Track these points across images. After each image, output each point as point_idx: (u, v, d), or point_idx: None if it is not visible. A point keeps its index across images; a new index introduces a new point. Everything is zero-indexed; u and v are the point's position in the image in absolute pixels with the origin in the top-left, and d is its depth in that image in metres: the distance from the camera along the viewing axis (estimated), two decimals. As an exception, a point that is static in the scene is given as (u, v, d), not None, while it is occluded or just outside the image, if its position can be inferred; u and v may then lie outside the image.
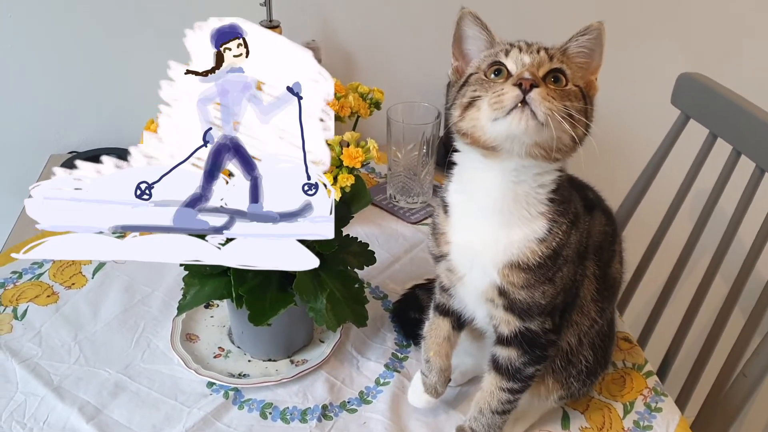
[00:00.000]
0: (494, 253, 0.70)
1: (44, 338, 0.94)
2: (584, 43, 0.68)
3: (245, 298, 0.78)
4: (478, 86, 0.66)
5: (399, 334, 0.98)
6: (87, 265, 1.08)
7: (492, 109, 0.62)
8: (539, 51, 0.67)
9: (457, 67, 0.73)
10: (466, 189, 0.72)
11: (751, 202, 1.11)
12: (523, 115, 0.61)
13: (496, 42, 0.70)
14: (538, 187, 0.69)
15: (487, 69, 0.67)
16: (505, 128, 0.62)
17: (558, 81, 0.65)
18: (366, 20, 1.39)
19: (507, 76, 0.65)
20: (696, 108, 1.21)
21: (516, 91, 0.61)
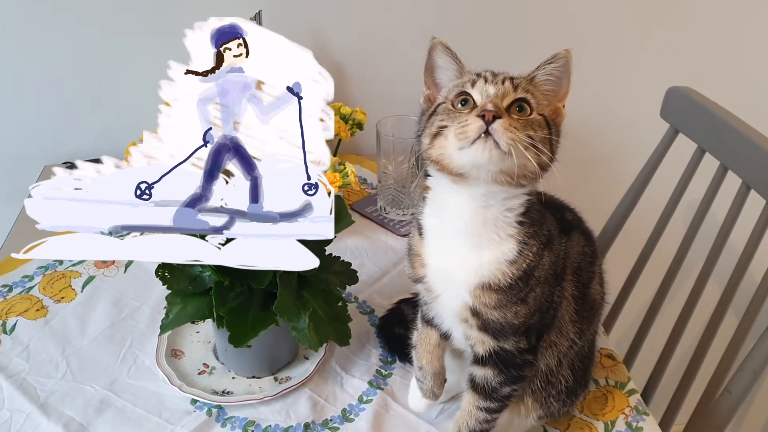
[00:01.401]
0: (466, 275, 0.72)
1: (32, 353, 0.95)
2: (551, 71, 0.70)
3: (226, 318, 0.79)
4: (445, 116, 0.68)
5: (384, 350, 0.98)
6: (77, 278, 1.09)
7: (457, 139, 0.64)
8: (504, 81, 0.68)
9: (428, 96, 0.75)
10: (439, 212, 0.74)
11: (738, 218, 1.11)
12: (486, 144, 0.63)
13: (465, 71, 0.72)
14: (507, 210, 0.70)
15: (455, 99, 0.69)
16: (470, 157, 0.64)
17: (522, 110, 0.67)
18: (357, 34, 1.39)
19: (473, 106, 0.67)
20: (684, 122, 1.21)
21: (479, 122, 0.63)
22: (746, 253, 1.08)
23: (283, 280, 0.80)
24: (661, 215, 1.25)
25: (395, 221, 1.27)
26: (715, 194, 1.16)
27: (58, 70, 1.36)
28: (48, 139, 1.42)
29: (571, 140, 1.24)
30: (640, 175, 1.28)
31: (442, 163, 0.67)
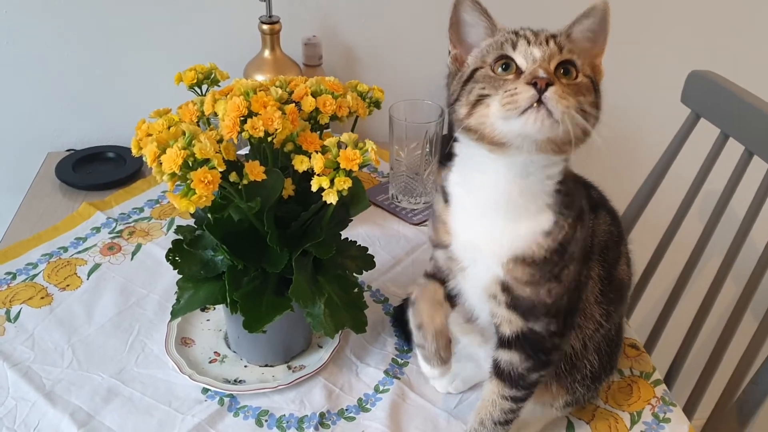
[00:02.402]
0: (499, 247, 0.68)
1: (37, 341, 0.92)
2: (588, 26, 0.65)
3: (240, 303, 0.76)
4: (487, 84, 0.62)
5: (399, 339, 0.95)
6: (82, 266, 1.06)
7: (505, 109, 0.59)
8: (548, 41, 0.63)
9: (456, 55, 0.69)
10: (469, 181, 0.70)
11: (764, 204, 1.08)
12: (538, 115, 0.58)
13: (498, 29, 0.67)
14: (546, 178, 0.66)
15: (494, 63, 0.63)
16: (519, 127, 0.59)
17: (568, 73, 0.62)
18: (367, 16, 1.36)
19: (516, 71, 0.62)
20: (707, 107, 1.18)
21: (531, 90, 0.58)
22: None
23: (299, 265, 0.77)
24: (682, 202, 1.21)
25: (408, 210, 1.24)
26: (740, 180, 1.13)
27: (61, 58, 1.33)
28: (51, 127, 1.39)
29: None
30: (660, 162, 1.25)
31: (483, 132, 0.62)
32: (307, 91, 0.76)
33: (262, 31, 1.23)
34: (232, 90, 0.75)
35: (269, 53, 1.25)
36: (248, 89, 0.72)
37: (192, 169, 0.65)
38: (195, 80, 0.83)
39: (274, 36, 1.24)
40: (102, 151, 1.34)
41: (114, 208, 1.20)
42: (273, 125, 0.70)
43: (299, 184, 0.77)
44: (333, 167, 0.71)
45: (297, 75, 1.26)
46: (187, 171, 0.65)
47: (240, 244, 0.76)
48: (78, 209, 1.19)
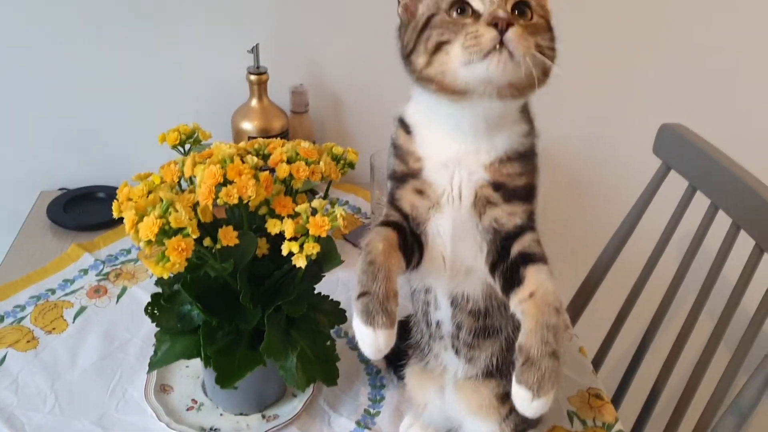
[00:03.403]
0: (479, 155, 0.67)
1: (21, 386, 0.95)
2: None
3: (213, 359, 0.79)
4: (445, 29, 0.61)
5: (373, 389, 0.98)
6: (69, 309, 1.10)
7: (468, 52, 0.58)
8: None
9: (405, 5, 0.68)
10: (431, 117, 0.69)
11: (727, 259, 1.11)
12: (501, 56, 0.58)
13: None
14: (508, 110, 0.67)
15: (449, 8, 0.62)
16: (482, 71, 0.59)
17: (523, 14, 0.62)
18: (353, 64, 1.40)
19: (472, 14, 0.61)
20: (676, 159, 1.22)
21: (493, 32, 0.58)
22: (735, 293, 1.09)
23: (272, 321, 0.80)
24: (653, 251, 1.25)
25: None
26: (706, 232, 1.17)
27: (56, 99, 1.38)
28: (44, 166, 1.43)
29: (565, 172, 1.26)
30: (632, 210, 1.29)
31: (443, 82, 0.61)
32: (283, 158, 0.80)
33: (250, 81, 1.28)
34: (212, 154, 0.79)
35: (257, 102, 1.29)
36: (225, 156, 0.76)
37: (167, 236, 0.69)
38: (178, 141, 0.87)
39: (262, 86, 1.28)
40: (93, 191, 1.38)
41: (102, 249, 1.24)
42: (247, 192, 0.73)
43: (273, 243, 0.81)
44: (303, 233, 0.74)
45: (284, 122, 1.31)
46: (163, 237, 0.69)
47: (215, 300, 0.80)
48: (67, 250, 1.22)
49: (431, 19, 0.63)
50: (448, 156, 0.67)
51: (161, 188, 0.75)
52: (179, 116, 1.33)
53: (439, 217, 0.70)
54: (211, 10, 1.32)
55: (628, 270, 1.29)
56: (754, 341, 1.05)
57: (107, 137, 1.42)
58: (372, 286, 0.64)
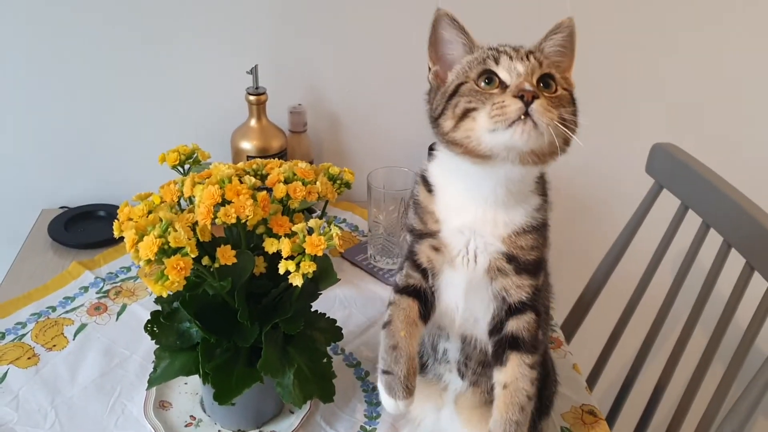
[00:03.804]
0: (496, 227, 0.71)
1: (21, 402, 0.96)
2: (558, 41, 0.69)
3: (211, 375, 0.80)
4: (473, 97, 0.65)
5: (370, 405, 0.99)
6: (69, 326, 1.11)
7: (493, 121, 0.62)
8: (528, 57, 0.66)
9: (436, 72, 0.72)
10: (454, 180, 0.72)
11: (718, 277, 1.13)
12: (525, 126, 0.61)
13: (477, 46, 0.70)
14: (527, 177, 0.71)
15: (478, 78, 0.66)
16: (506, 139, 0.62)
17: (548, 86, 0.66)
18: (351, 84, 1.43)
19: (500, 85, 0.65)
20: (668, 178, 1.24)
21: (519, 103, 0.61)
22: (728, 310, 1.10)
23: (269, 338, 0.82)
24: (646, 269, 1.27)
25: (385, 270, 1.29)
26: (698, 250, 1.18)
27: (57, 119, 1.40)
28: (46, 185, 1.45)
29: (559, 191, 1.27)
30: (626, 229, 1.30)
31: (468, 146, 0.65)
32: (280, 178, 0.81)
33: (249, 102, 1.30)
34: (211, 174, 0.81)
35: (255, 122, 1.32)
36: (224, 177, 0.78)
37: (167, 255, 0.70)
38: (177, 161, 0.89)
39: (261, 106, 1.30)
40: (94, 209, 1.40)
41: (102, 267, 1.25)
42: (245, 212, 0.75)
43: (271, 262, 0.82)
44: (299, 251, 0.76)
45: (282, 141, 1.33)
46: (162, 257, 0.70)
47: (213, 318, 0.81)
48: (68, 268, 1.24)
49: (460, 87, 0.67)
50: (465, 221, 0.72)
51: (161, 208, 0.77)
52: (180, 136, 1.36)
53: (453, 273, 0.75)
54: (211, 32, 1.35)
55: (622, 287, 1.31)
56: (746, 357, 1.06)
57: (108, 156, 1.44)
58: (395, 368, 0.73)
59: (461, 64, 0.70)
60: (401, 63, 1.40)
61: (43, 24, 1.31)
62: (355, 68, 1.41)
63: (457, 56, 0.71)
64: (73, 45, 1.33)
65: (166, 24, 1.33)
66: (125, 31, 1.33)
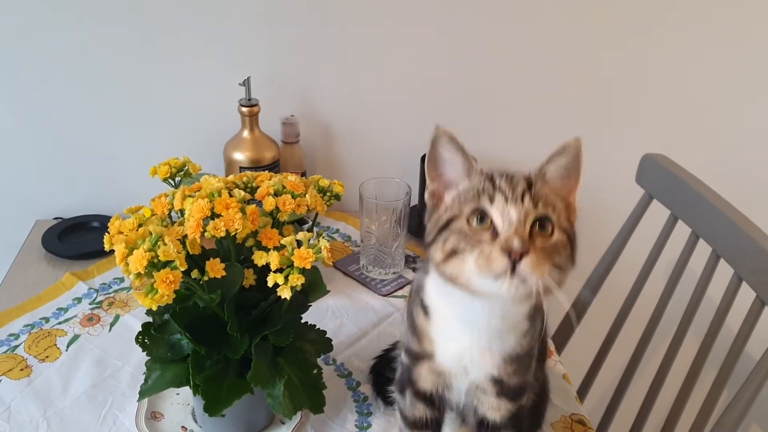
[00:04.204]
0: (489, 354, 0.72)
1: (13, 414, 0.97)
2: (562, 164, 0.67)
3: (201, 387, 0.81)
4: (462, 238, 0.63)
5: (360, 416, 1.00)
6: (62, 337, 1.12)
7: (478, 269, 0.60)
8: (523, 197, 0.63)
9: (434, 191, 0.70)
10: (447, 304, 0.72)
11: (707, 288, 1.14)
12: (512, 282, 0.59)
13: (475, 169, 0.68)
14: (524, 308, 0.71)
15: (470, 215, 0.64)
16: (494, 289, 0.61)
17: (544, 228, 0.63)
18: (343, 95, 1.44)
19: (491, 227, 0.62)
20: (658, 189, 1.25)
21: (504, 260, 0.59)
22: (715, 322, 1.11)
23: (259, 350, 0.82)
24: (637, 279, 1.27)
25: (377, 280, 1.30)
26: (688, 261, 1.19)
27: (51, 130, 1.41)
28: (39, 196, 1.46)
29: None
30: (616, 239, 1.31)
31: (458, 281, 0.63)
32: (270, 191, 0.82)
33: (241, 113, 1.31)
34: (201, 188, 0.81)
35: (248, 133, 1.32)
36: (213, 190, 0.79)
37: (156, 269, 0.71)
38: (168, 174, 0.90)
39: (253, 117, 1.31)
40: (87, 220, 1.41)
41: (96, 278, 1.26)
42: (234, 226, 0.76)
43: (260, 274, 0.83)
44: (288, 264, 0.77)
45: (275, 152, 1.34)
46: (152, 270, 0.71)
47: (203, 330, 0.82)
48: (61, 279, 1.24)
49: (452, 221, 0.65)
50: (460, 347, 0.73)
51: (151, 221, 0.78)
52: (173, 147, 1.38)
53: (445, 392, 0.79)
54: (203, 44, 1.36)
55: (612, 297, 1.31)
56: (735, 365, 1.07)
57: (102, 167, 1.45)
58: None
59: (458, 190, 0.68)
60: (394, 74, 1.42)
61: (35, 38, 1.32)
62: (348, 79, 1.42)
63: (455, 177, 0.68)
64: (67, 58, 1.34)
65: (159, 37, 1.34)
66: (118, 44, 1.34)
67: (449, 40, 1.40)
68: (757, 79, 1.48)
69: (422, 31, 1.38)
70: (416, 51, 1.40)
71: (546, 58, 1.43)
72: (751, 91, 1.49)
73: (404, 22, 1.37)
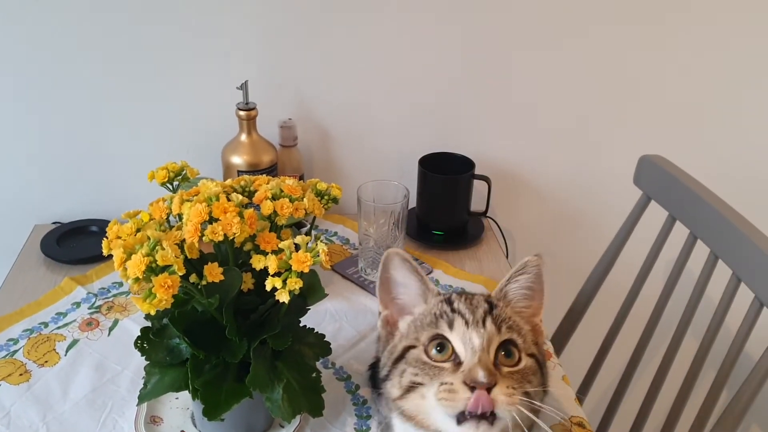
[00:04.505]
0: None
1: (13, 419, 0.97)
2: (524, 283, 0.63)
3: (200, 391, 0.81)
4: (420, 370, 0.57)
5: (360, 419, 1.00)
6: (61, 342, 1.12)
7: (441, 404, 0.55)
8: (485, 321, 0.58)
9: (387, 318, 0.65)
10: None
11: (706, 288, 1.14)
12: (480, 423, 0.54)
13: (431, 291, 0.62)
14: None
15: (428, 343, 0.58)
16: (459, 429, 0.54)
17: (510, 355, 0.58)
18: (341, 98, 1.44)
19: (452, 355, 0.57)
20: (655, 190, 1.25)
21: (468, 393, 0.54)
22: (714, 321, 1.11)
23: (257, 354, 0.82)
24: (635, 280, 1.28)
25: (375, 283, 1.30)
26: (686, 261, 1.19)
27: (49, 134, 1.41)
28: (38, 201, 1.46)
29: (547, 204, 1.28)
30: (615, 240, 1.31)
31: (417, 419, 0.57)
32: (267, 195, 0.82)
33: (239, 117, 1.31)
34: (199, 192, 0.82)
35: (246, 137, 1.33)
36: (211, 195, 0.79)
37: (154, 273, 0.71)
38: (167, 178, 0.90)
39: (251, 121, 1.31)
40: (86, 225, 1.41)
41: (95, 282, 1.26)
42: (232, 230, 0.76)
43: (258, 278, 0.83)
44: (286, 268, 0.77)
45: (273, 156, 1.34)
46: (150, 275, 0.71)
47: (201, 334, 0.82)
48: (60, 284, 1.24)
49: (408, 351, 0.59)
50: None
51: (149, 226, 0.78)
52: (170, 151, 1.38)
53: None
54: (200, 48, 1.36)
55: (611, 298, 1.32)
56: (734, 366, 1.07)
57: (100, 172, 1.45)
58: None
59: (414, 316, 0.62)
60: (391, 77, 1.42)
61: (31, 44, 1.32)
62: (345, 82, 1.42)
63: (409, 301, 0.63)
64: (64, 63, 1.34)
65: (155, 41, 1.34)
66: (115, 48, 1.34)
67: (448, 42, 1.40)
68: (754, 80, 1.48)
69: (420, 35, 1.39)
70: (414, 54, 1.40)
71: (544, 60, 1.43)
72: (749, 92, 1.50)
73: (403, 26, 1.38)
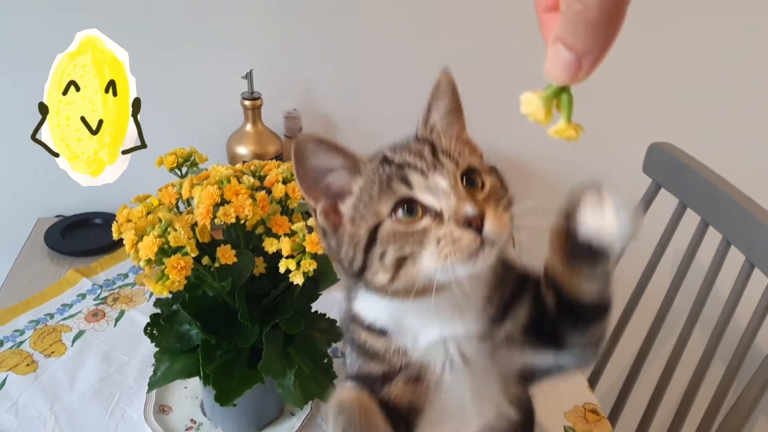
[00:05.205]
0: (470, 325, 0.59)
1: (21, 409, 0.96)
2: (444, 107, 0.58)
3: (212, 377, 0.80)
4: (403, 242, 0.52)
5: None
6: (67, 332, 1.10)
7: (445, 260, 0.50)
8: (438, 159, 0.53)
9: (324, 210, 0.57)
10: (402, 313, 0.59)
11: (718, 274, 1.13)
12: (485, 253, 0.51)
13: (361, 161, 0.55)
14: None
15: (392, 210, 0.52)
16: (466, 271, 0.51)
17: (473, 183, 0.54)
18: (345, 88, 1.43)
19: (424, 212, 0.52)
20: (666, 177, 1.24)
21: (471, 234, 0.50)
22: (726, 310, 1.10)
23: (270, 338, 0.81)
24: (645, 268, 1.27)
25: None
26: (697, 248, 1.18)
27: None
28: (41, 194, 1.44)
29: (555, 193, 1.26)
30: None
31: (417, 289, 0.52)
32: (278, 178, 0.81)
33: (244, 107, 1.30)
34: (209, 176, 0.81)
35: (251, 127, 1.31)
36: (222, 177, 0.78)
37: (167, 255, 0.70)
38: (175, 164, 0.89)
39: (256, 111, 1.30)
40: (89, 217, 1.40)
41: (99, 274, 1.25)
42: (244, 212, 0.75)
43: (270, 262, 0.82)
44: (299, 250, 0.76)
45: (278, 146, 1.33)
46: (162, 256, 0.70)
47: (213, 319, 0.81)
48: (65, 276, 1.23)
49: (377, 231, 0.53)
50: (435, 336, 0.58)
51: (160, 209, 0.77)
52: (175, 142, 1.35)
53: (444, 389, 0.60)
54: (205, 38, 1.35)
55: (622, 287, 1.30)
56: (746, 354, 1.06)
57: (105, 164, 1.44)
58: None
59: (354, 194, 0.55)
60: (395, 67, 1.41)
61: (35, 33, 1.31)
62: (350, 72, 1.41)
63: (344, 181, 0.56)
64: (69, 52, 1.33)
65: (160, 31, 1.33)
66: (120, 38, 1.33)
67: (454, 32, 1.39)
68: (765, 66, 1.47)
69: (426, 25, 1.38)
70: (419, 44, 1.39)
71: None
72: (758, 78, 1.49)
73: (408, 16, 1.37)
